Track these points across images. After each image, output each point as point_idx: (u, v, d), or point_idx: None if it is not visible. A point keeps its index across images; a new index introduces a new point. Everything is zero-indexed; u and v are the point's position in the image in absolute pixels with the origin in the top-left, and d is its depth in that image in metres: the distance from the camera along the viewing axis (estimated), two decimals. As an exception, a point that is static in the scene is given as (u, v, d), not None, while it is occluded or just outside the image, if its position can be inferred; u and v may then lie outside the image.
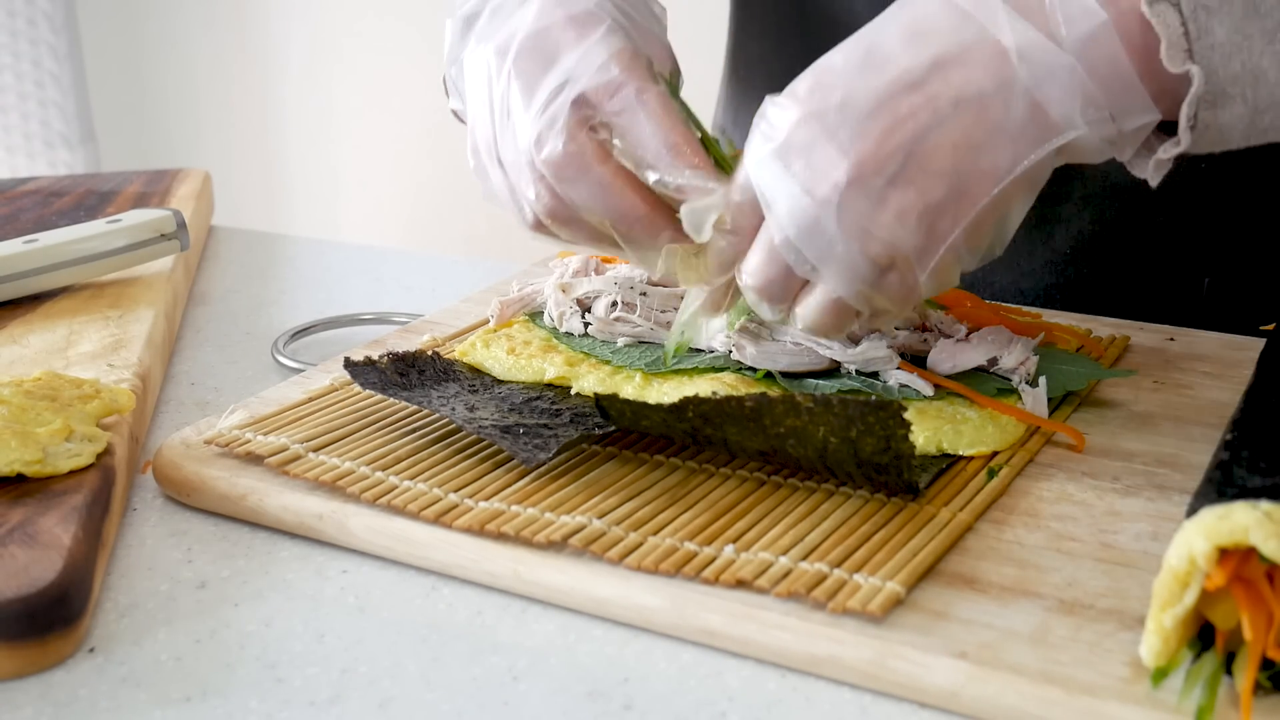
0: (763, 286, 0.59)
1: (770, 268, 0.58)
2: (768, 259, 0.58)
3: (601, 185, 0.60)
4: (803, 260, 0.57)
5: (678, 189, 0.60)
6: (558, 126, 0.60)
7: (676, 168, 0.60)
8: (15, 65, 2.36)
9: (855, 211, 0.55)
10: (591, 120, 0.60)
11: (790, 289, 0.59)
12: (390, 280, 0.97)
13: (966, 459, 0.61)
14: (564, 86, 0.60)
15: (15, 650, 0.48)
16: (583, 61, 0.60)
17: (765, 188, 0.57)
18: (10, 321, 0.79)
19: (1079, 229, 0.87)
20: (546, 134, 0.60)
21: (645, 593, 0.51)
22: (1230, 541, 0.43)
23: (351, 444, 0.63)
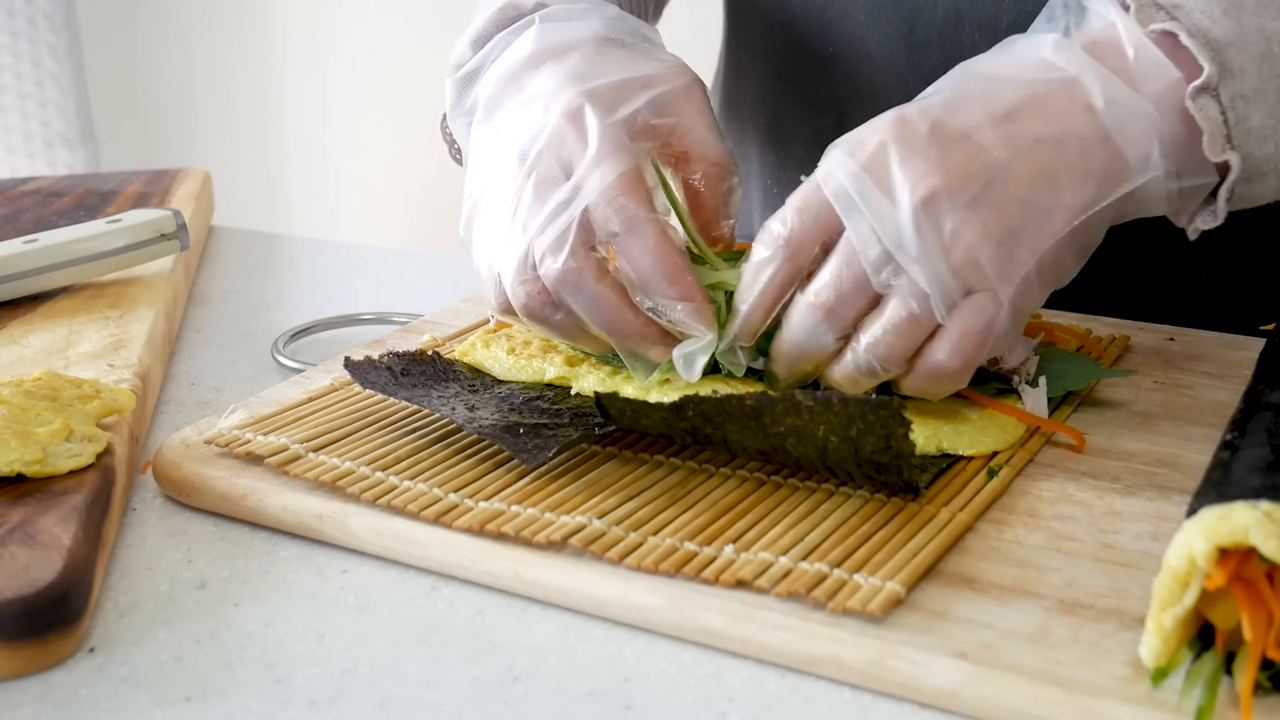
0: (834, 303, 0.59)
1: (844, 282, 0.58)
2: (842, 273, 0.58)
3: (599, 301, 0.62)
4: (886, 269, 0.58)
5: (669, 323, 0.62)
6: (562, 243, 0.61)
7: (671, 304, 0.61)
8: (15, 65, 2.36)
9: (941, 223, 0.57)
10: (591, 240, 0.62)
11: (859, 308, 0.59)
12: (390, 280, 0.97)
13: (966, 459, 0.61)
14: (571, 203, 0.62)
15: (15, 650, 0.48)
16: (591, 180, 0.62)
17: (852, 197, 0.58)
18: (10, 321, 0.79)
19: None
20: (551, 249, 0.62)
21: (645, 593, 0.51)
22: (1230, 541, 0.43)
23: (351, 444, 0.63)
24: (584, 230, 0.62)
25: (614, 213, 0.61)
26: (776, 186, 0.99)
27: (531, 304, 0.63)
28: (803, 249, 0.60)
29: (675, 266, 0.61)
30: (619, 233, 0.61)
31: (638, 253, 0.61)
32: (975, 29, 0.84)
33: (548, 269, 0.62)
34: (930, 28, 0.86)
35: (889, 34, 0.87)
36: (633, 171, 0.63)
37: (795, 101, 0.96)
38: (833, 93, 0.93)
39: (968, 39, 0.85)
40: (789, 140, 0.98)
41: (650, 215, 0.62)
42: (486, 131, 0.68)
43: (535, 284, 0.63)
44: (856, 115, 0.91)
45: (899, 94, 0.88)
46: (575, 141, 0.63)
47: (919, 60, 0.87)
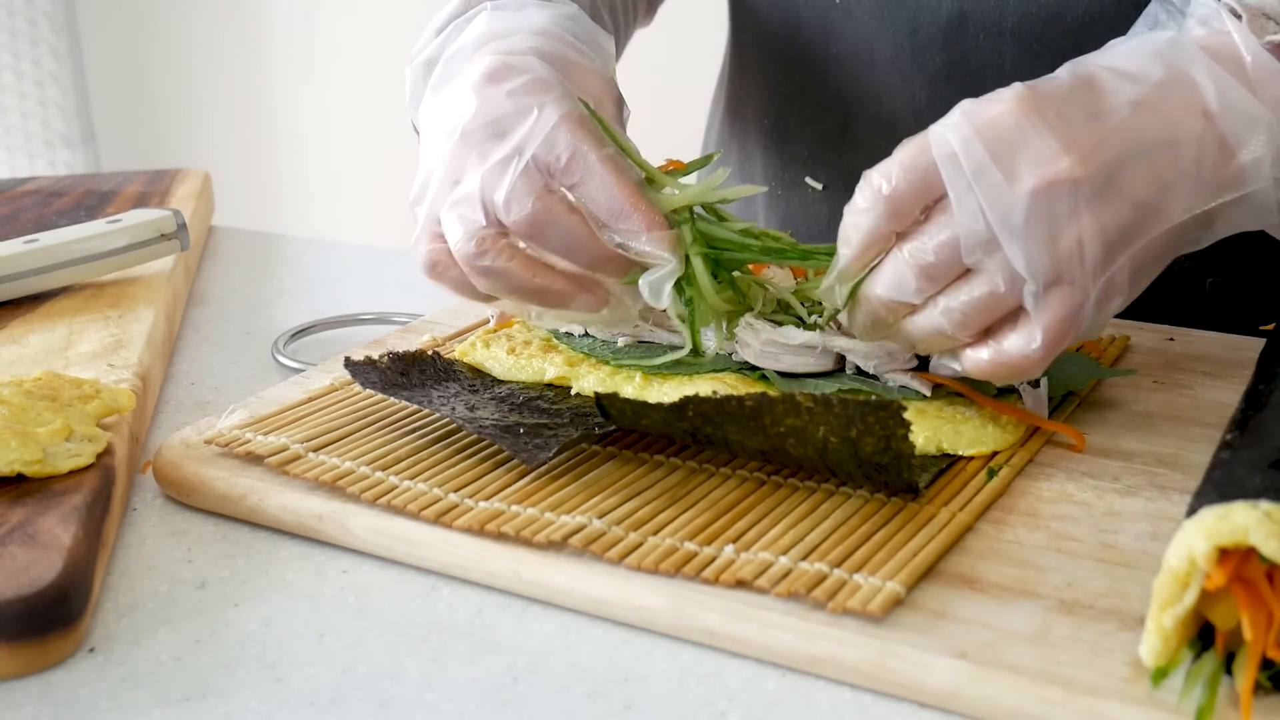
0: (929, 267, 0.58)
1: (942, 251, 0.58)
2: (941, 242, 0.58)
3: (574, 233, 0.63)
4: (987, 243, 0.57)
5: (637, 254, 0.63)
6: (522, 190, 0.62)
7: (635, 234, 0.62)
8: (15, 65, 2.36)
9: (1054, 209, 0.56)
10: (546, 183, 0.63)
11: (951, 275, 0.58)
12: (390, 280, 0.97)
13: (966, 459, 0.61)
14: (520, 153, 0.63)
15: (15, 650, 0.48)
16: (532, 131, 0.63)
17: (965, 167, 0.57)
18: (10, 321, 0.79)
19: None
20: (515, 195, 0.62)
21: (645, 593, 0.51)
22: (1230, 541, 0.43)
23: (351, 444, 0.63)
24: (538, 177, 0.63)
25: (565, 155, 0.62)
26: (780, 188, 0.99)
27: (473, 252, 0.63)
28: (902, 210, 0.59)
29: (635, 197, 0.62)
30: (574, 174, 0.62)
31: (595, 189, 0.62)
32: (979, 30, 0.84)
33: (517, 215, 0.62)
34: (934, 28, 0.86)
35: (892, 35, 0.87)
36: (573, 112, 0.63)
37: (799, 103, 0.96)
38: (837, 94, 0.93)
39: (971, 40, 0.85)
40: (793, 142, 0.98)
41: (601, 152, 0.63)
42: (430, 110, 0.69)
43: (481, 232, 0.63)
44: (861, 117, 0.92)
45: (903, 95, 0.89)
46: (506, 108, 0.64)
47: (923, 61, 0.87)
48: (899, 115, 0.90)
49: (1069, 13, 0.82)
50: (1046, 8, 0.82)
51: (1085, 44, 0.79)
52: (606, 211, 0.62)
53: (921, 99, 0.88)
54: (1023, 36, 0.84)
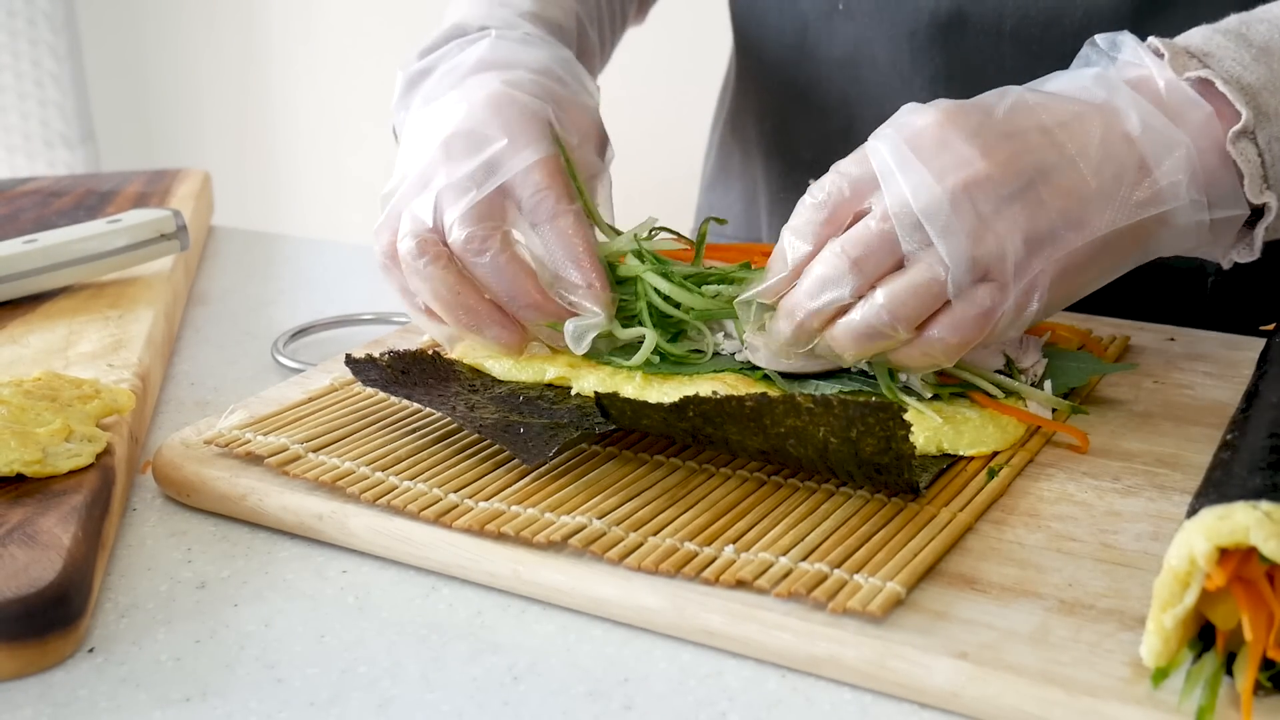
0: (860, 255, 0.60)
1: (873, 238, 0.60)
2: (872, 230, 0.60)
3: (503, 270, 0.65)
4: (915, 236, 0.59)
5: (570, 304, 0.66)
6: (473, 211, 0.65)
7: (573, 285, 0.66)
8: (15, 65, 2.36)
9: (976, 207, 0.59)
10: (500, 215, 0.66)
11: (882, 266, 0.60)
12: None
13: (967, 459, 0.61)
14: (490, 177, 0.66)
15: (15, 650, 0.48)
16: (509, 163, 0.66)
17: (893, 166, 0.60)
18: (10, 321, 0.79)
19: None
20: (461, 218, 0.65)
21: (645, 593, 0.51)
22: (1231, 541, 0.43)
23: (351, 444, 0.63)
24: (496, 205, 0.66)
25: (537, 199, 0.66)
26: (784, 191, 0.99)
27: (414, 251, 0.66)
28: (837, 216, 0.61)
29: (587, 254, 0.66)
30: (541, 218, 0.66)
31: (554, 237, 0.66)
32: (978, 31, 0.85)
33: (457, 234, 0.65)
34: (933, 29, 0.86)
35: (892, 37, 0.88)
36: (552, 159, 0.67)
37: (802, 107, 0.96)
38: (840, 97, 0.93)
39: (971, 41, 0.85)
40: (796, 145, 0.98)
41: (571, 205, 0.66)
42: (419, 117, 0.72)
43: (427, 235, 0.66)
44: (863, 118, 0.92)
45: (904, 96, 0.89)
46: (492, 126, 0.67)
47: (922, 62, 0.87)
48: None
49: (1067, 15, 0.82)
50: (1045, 10, 0.83)
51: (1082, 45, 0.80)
52: (559, 260, 0.66)
53: (922, 100, 0.88)
54: (1022, 38, 0.84)
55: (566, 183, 0.67)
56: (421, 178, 0.67)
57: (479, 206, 0.65)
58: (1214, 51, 0.64)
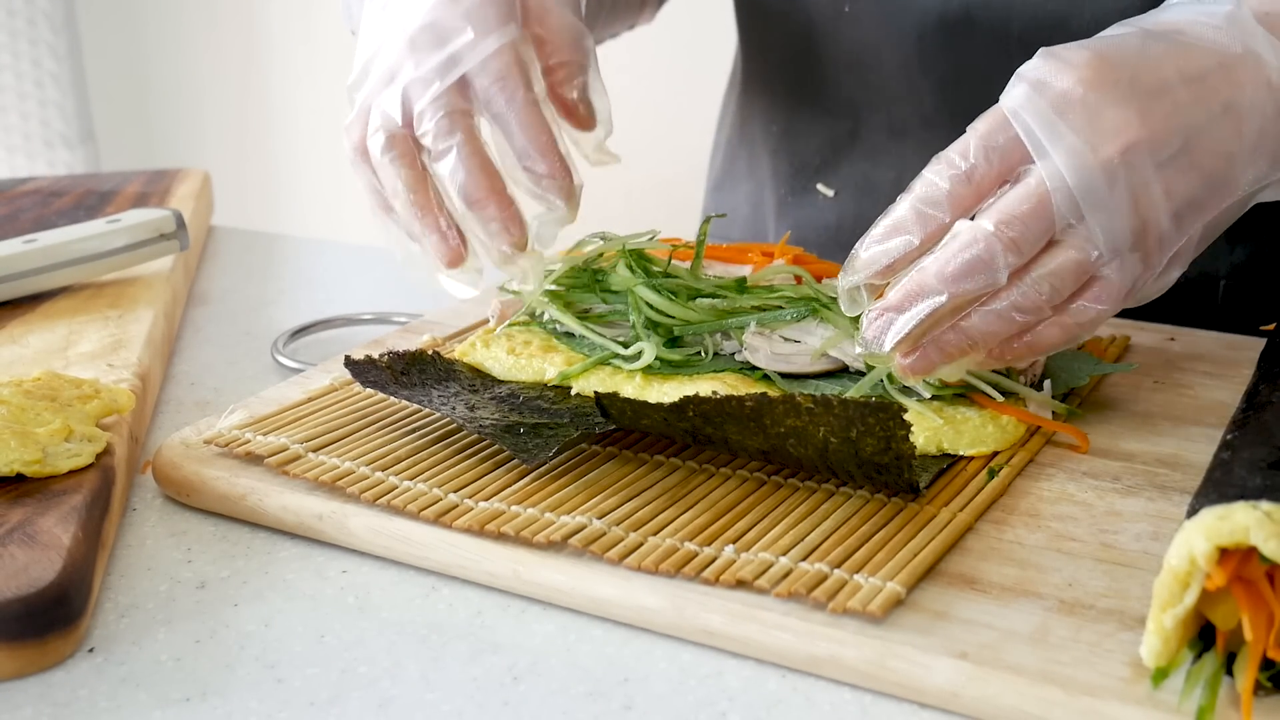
0: (1020, 235, 0.56)
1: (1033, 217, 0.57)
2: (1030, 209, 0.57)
3: (466, 162, 0.64)
4: (1073, 210, 0.56)
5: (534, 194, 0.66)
6: (443, 102, 0.64)
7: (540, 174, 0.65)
8: (15, 65, 2.36)
9: (1132, 178, 0.56)
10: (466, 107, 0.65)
11: (1035, 247, 0.57)
12: (390, 280, 0.97)
13: (967, 459, 0.61)
14: (452, 68, 0.65)
15: (15, 650, 0.48)
16: (470, 52, 0.65)
17: (1042, 137, 0.57)
18: (10, 321, 0.79)
19: None
20: (430, 106, 0.64)
21: (645, 593, 0.51)
22: (1231, 541, 0.43)
23: (351, 444, 0.63)
24: (460, 95, 0.65)
25: (496, 87, 0.65)
26: (791, 195, 0.99)
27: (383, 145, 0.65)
28: (985, 183, 0.58)
29: (547, 142, 0.65)
30: (500, 106, 0.65)
31: (515, 125, 0.65)
32: (986, 34, 0.84)
33: (425, 126, 0.64)
34: (940, 33, 0.86)
35: (900, 39, 0.87)
36: (509, 47, 0.65)
37: (809, 109, 0.96)
38: (847, 100, 0.93)
39: (978, 44, 0.85)
40: (803, 147, 0.97)
41: (529, 93, 0.65)
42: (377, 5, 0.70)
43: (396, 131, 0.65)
44: (870, 122, 0.91)
45: (911, 99, 0.88)
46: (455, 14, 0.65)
47: (930, 65, 0.87)
48: (908, 121, 0.90)
49: (1075, 18, 0.82)
50: (1053, 13, 0.82)
51: None
52: (520, 148, 0.65)
53: (929, 104, 0.88)
54: (1029, 41, 0.83)
55: (524, 70, 0.66)
56: (389, 71, 0.66)
57: (443, 98, 0.64)
58: None
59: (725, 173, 1.08)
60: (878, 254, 0.59)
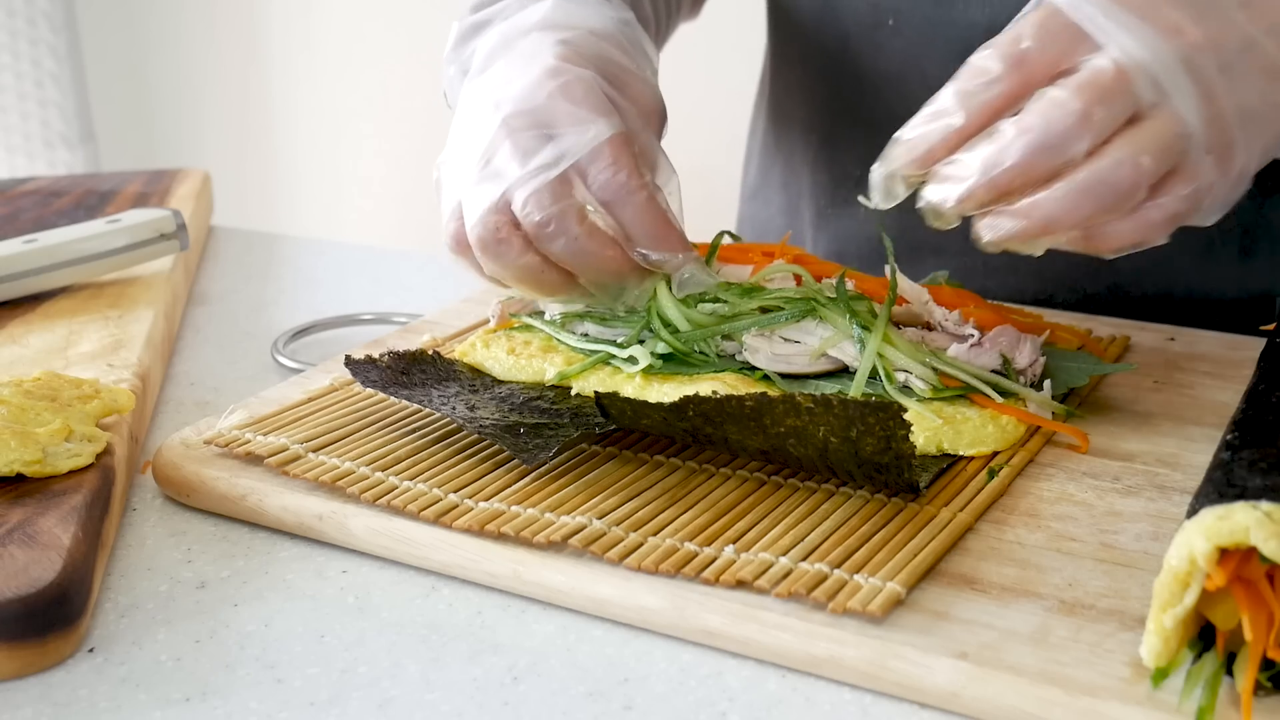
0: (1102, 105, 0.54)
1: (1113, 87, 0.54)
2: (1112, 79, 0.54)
3: (582, 242, 0.64)
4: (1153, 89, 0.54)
5: (659, 265, 0.65)
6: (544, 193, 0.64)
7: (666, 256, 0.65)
8: (15, 65, 2.36)
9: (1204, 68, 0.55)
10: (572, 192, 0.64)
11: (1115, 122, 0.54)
12: (390, 280, 0.97)
13: (967, 459, 0.61)
14: (560, 159, 0.64)
15: (15, 650, 0.48)
16: (578, 143, 0.64)
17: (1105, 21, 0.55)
18: (10, 321, 0.79)
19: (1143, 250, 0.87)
20: (532, 198, 0.64)
21: (645, 593, 0.51)
22: (1231, 542, 0.43)
23: (351, 444, 0.63)
24: (566, 185, 0.64)
25: (608, 176, 0.64)
26: (832, 208, 0.98)
27: (488, 239, 0.65)
28: (1038, 70, 0.55)
29: (666, 228, 0.65)
30: (611, 194, 0.64)
31: (632, 213, 0.64)
32: None
33: (529, 213, 0.64)
34: None
35: (943, 56, 0.85)
36: (620, 136, 0.65)
37: (849, 120, 0.94)
38: (888, 112, 0.90)
39: None
40: (843, 160, 0.96)
41: (641, 181, 0.65)
42: (478, 84, 0.70)
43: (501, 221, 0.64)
44: None
45: None
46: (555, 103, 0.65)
47: None
48: None
49: None
50: None
51: None
52: (641, 235, 0.65)
53: None
54: None
55: (635, 159, 0.65)
56: (485, 153, 0.66)
57: (550, 187, 0.64)
58: None
59: (760, 182, 1.06)
60: (918, 138, 0.57)
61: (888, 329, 0.65)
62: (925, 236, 0.91)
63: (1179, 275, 0.86)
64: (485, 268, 0.66)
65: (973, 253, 0.92)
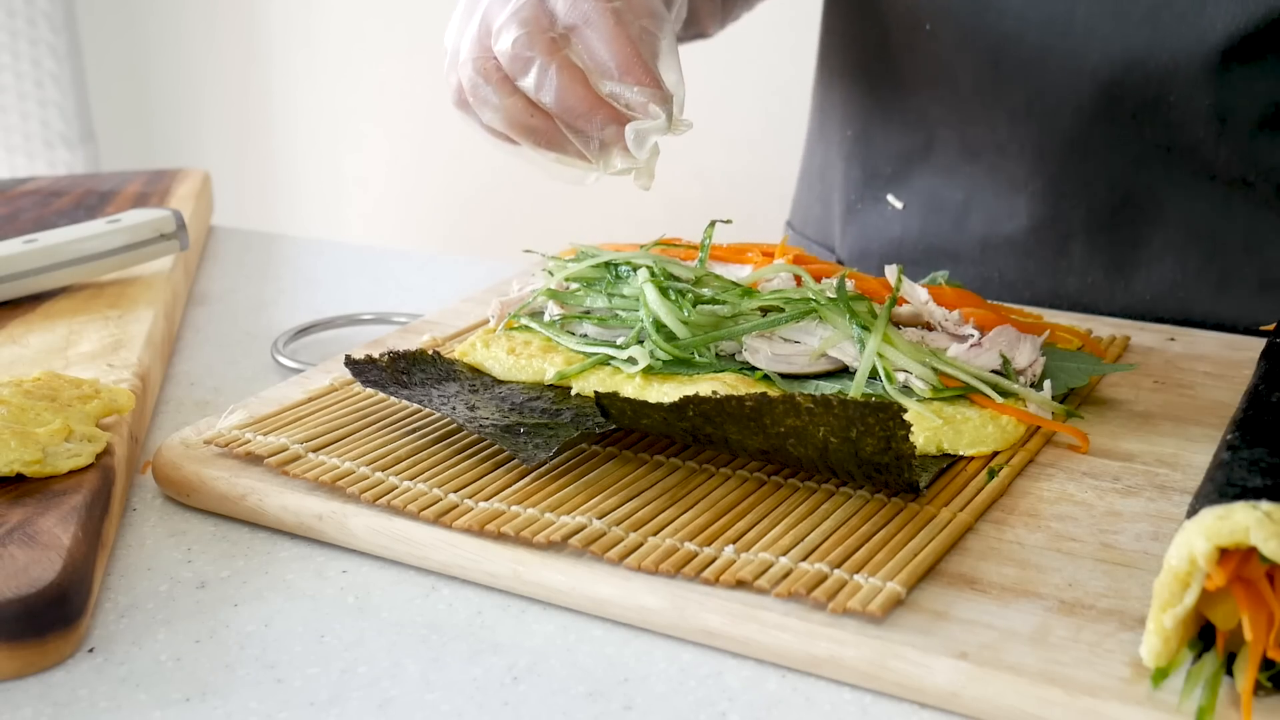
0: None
1: None
2: None
3: (550, 76, 0.63)
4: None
5: (627, 105, 0.64)
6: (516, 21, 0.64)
7: (627, 85, 0.63)
8: (15, 65, 2.36)
9: None
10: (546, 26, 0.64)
11: None
12: (390, 280, 0.97)
13: (967, 459, 0.61)
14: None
15: (15, 650, 0.48)
16: None
17: None
18: (10, 321, 0.79)
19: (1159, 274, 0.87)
20: (506, 25, 0.64)
21: (645, 593, 0.51)
22: (1231, 542, 0.43)
23: (351, 444, 0.63)
24: (539, 14, 0.64)
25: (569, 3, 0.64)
26: (860, 203, 0.98)
27: (476, 79, 0.65)
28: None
29: (631, 55, 0.64)
30: (576, 23, 0.64)
31: (596, 39, 0.64)
32: (1059, 67, 0.83)
33: (503, 44, 0.64)
34: (1015, 61, 0.85)
35: (975, 63, 0.86)
36: None
37: (883, 118, 0.95)
38: (920, 114, 0.91)
39: (1052, 76, 0.84)
40: (876, 157, 0.96)
41: (607, 6, 0.64)
42: None
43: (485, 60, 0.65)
44: (945, 138, 0.90)
45: (984, 123, 0.87)
46: None
47: (1004, 93, 0.86)
48: (981, 143, 0.89)
49: (1152, 58, 0.81)
50: (1128, 50, 0.81)
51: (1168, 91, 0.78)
52: (603, 62, 0.64)
53: (1003, 133, 0.87)
54: (1102, 78, 0.82)
55: None
56: (470, 7, 0.67)
57: (520, 14, 0.64)
58: None
59: (806, 165, 1.07)
60: None
61: (888, 329, 0.65)
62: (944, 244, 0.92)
63: (1195, 304, 0.87)
64: (482, 116, 0.66)
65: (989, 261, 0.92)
